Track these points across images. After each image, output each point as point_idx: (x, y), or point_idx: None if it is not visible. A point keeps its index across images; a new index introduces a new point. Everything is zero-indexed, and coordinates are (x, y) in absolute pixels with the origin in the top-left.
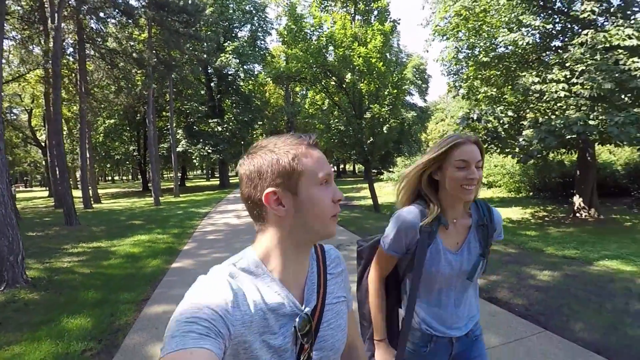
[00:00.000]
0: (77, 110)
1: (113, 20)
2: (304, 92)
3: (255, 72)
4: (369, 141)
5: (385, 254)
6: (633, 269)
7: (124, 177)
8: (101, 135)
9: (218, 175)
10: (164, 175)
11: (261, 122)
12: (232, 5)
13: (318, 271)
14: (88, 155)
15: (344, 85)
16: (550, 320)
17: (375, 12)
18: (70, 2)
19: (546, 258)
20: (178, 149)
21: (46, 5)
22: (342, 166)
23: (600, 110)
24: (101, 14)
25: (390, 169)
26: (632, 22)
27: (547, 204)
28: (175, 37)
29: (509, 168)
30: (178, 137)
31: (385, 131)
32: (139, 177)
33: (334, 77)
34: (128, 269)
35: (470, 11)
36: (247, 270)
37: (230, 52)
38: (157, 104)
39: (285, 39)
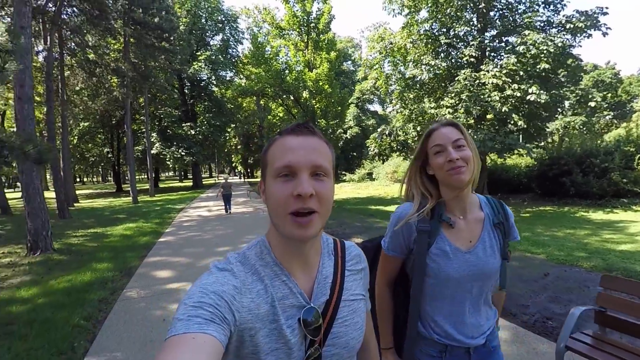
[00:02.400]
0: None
1: (92, 31)
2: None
3: (227, 78)
4: None
5: (385, 255)
6: None
7: (93, 179)
8: (75, 137)
9: (191, 176)
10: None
11: (234, 125)
12: (204, 16)
13: (335, 266)
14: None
15: (300, 102)
16: None
17: (326, 41)
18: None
19: None
20: (152, 151)
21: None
22: None
23: (472, 129)
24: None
25: (353, 172)
26: (497, 67)
27: None
28: (151, 49)
29: None
30: (152, 139)
31: (335, 139)
32: (109, 178)
33: (291, 95)
34: (126, 242)
35: (389, 50)
36: (258, 257)
37: (202, 60)
38: (132, 107)
39: (250, 61)
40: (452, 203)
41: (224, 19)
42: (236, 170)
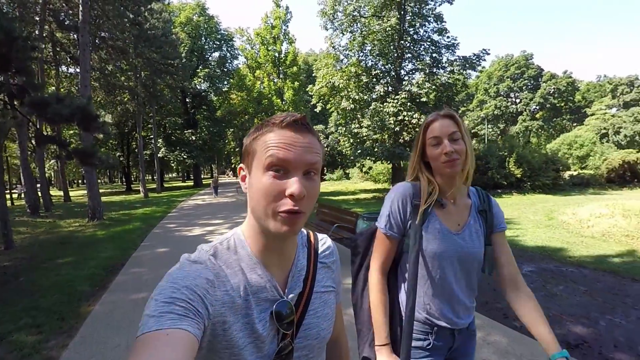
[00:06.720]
0: None
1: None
2: None
3: (224, 89)
4: None
5: (383, 237)
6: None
7: (101, 180)
8: None
9: (192, 177)
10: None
11: (232, 130)
12: (203, 34)
13: (308, 258)
14: None
15: None
16: None
17: (291, 73)
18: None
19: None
20: (159, 155)
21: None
22: None
23: (377, 143)
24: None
25: (333, 172)
26: (395, 100)
27: None
28: (158, 72)
29: (384, 170)
30: (158, 145)
31: None
32: (115, 179)
33: (267, 114)
34: (146, 216)
35: (331, 85)
36: (232, 250)
37: (202, 76)
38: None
39: (234, 88)
40: (444, 187)
41: (221, 37)
42: (236, 172)
